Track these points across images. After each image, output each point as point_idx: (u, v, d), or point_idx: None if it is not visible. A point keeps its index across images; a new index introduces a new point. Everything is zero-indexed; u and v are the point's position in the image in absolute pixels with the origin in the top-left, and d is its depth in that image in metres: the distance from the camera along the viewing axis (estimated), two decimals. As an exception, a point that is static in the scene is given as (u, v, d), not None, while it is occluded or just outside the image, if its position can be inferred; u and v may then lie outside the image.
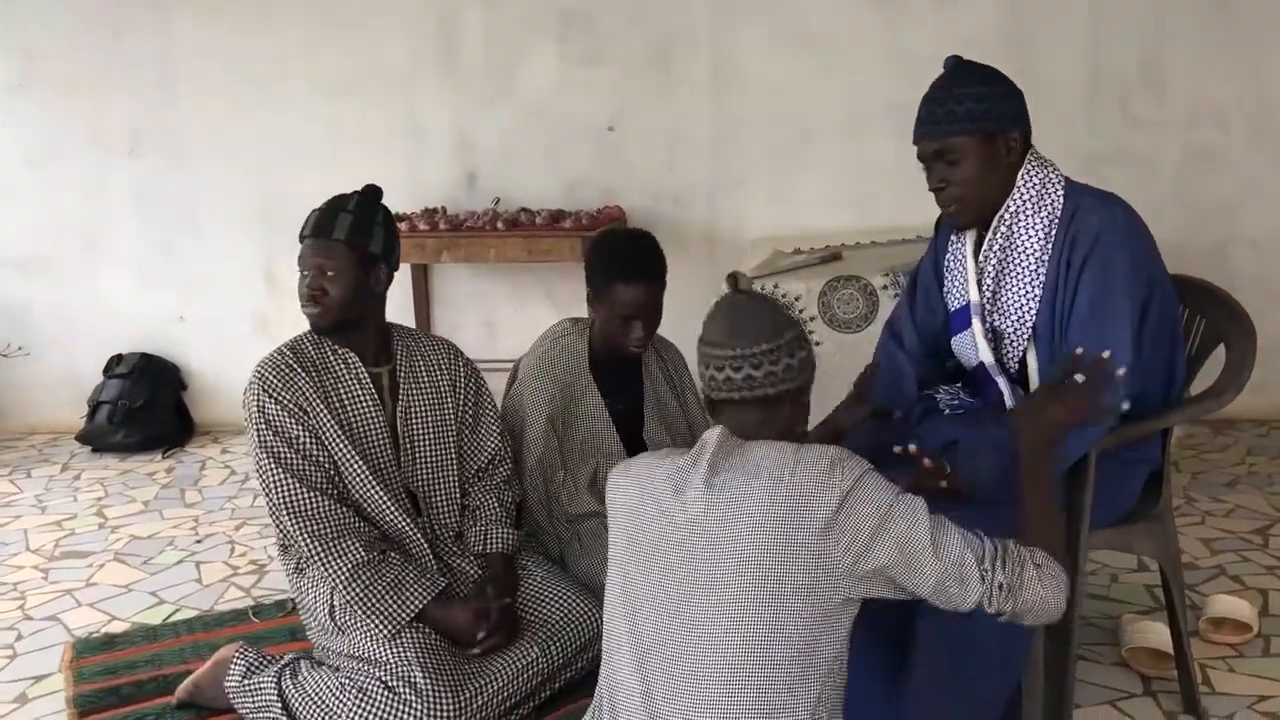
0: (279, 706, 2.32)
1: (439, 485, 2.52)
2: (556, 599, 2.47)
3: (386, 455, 2.44)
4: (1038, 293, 2.13)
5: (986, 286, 2.20)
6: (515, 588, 2.47)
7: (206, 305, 4.74)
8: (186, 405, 4.75)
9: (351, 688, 2.25)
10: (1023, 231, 2.14)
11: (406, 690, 2.20)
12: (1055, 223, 2.11)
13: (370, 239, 2.38)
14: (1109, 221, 2.07)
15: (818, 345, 3.31)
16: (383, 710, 2.19)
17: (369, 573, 2.30)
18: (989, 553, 1.59)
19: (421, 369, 2.53)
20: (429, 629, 2.31)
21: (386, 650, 2.25)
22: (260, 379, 2.37)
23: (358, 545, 2.31)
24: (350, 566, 2.29)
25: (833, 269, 3.60)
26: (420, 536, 2.43)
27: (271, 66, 4.54)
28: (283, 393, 2.35)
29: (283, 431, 2.34)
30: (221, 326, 4.73)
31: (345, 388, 2.42)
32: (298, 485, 2.32)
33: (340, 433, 2.37)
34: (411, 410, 2.49)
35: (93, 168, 4.65)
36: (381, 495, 2.39)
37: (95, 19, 4.54)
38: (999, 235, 2.15)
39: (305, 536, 2.31)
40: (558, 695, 2.43)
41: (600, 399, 2.76)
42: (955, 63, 2.17)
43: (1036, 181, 2.13)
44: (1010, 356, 2.21)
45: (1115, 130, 4.29)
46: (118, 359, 4.67)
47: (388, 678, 2.23)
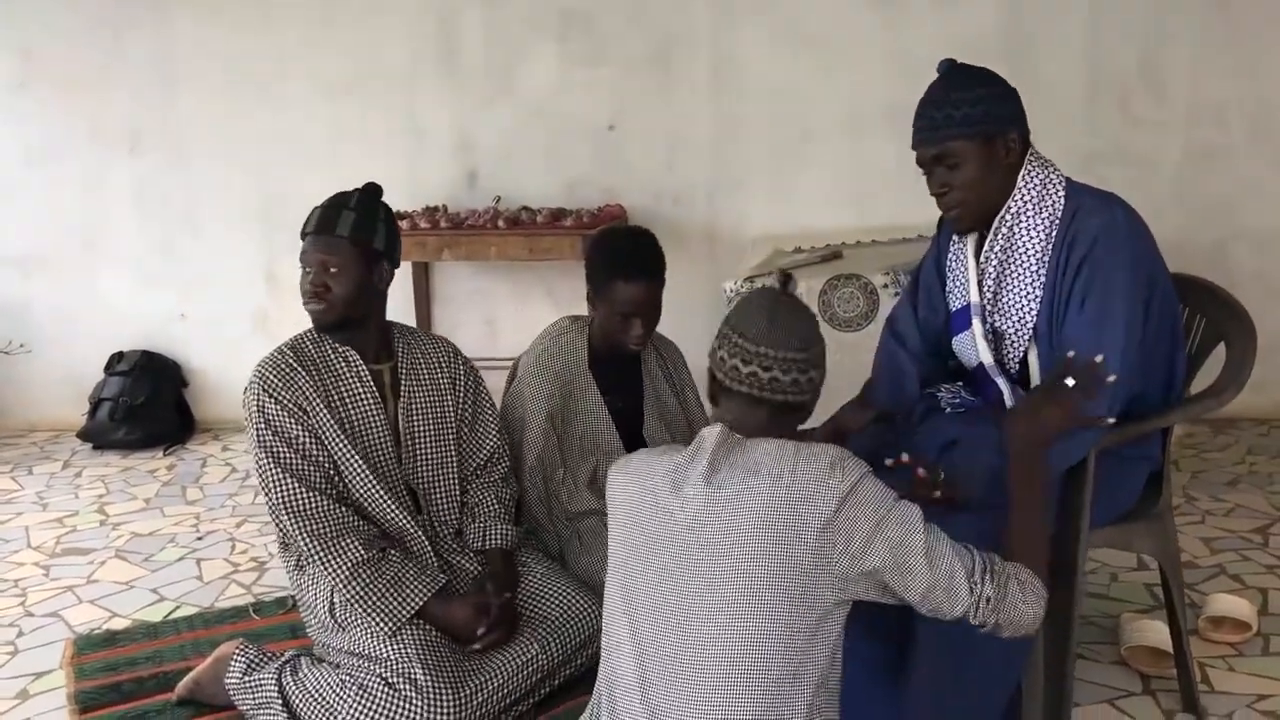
0: (279, 703, 2.32)
1: (440, 482, 2.52)
2: (556, 596, 2.47)
3: (387, 452, 2.45)
4: (1038, 293, 2.12)
5: (987, 287, 2.19)
6: (515, 584, 2.48)
7: (207, 305, 4.74)
8: (188, 402, 4.76)
9: (352, 684, 2.25)
10: (1024, 232, 2.12)
11: (407, 687, 2.20)
12: (1056, 223, 2.10)
13: (373, 235, 2.39)
14: (1109, 223, 2.05)
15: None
16: (383, 707, 2.19)
17: (368, 571, 2.30)
18: (978, 566, 1.61)
19: (422, 366, 2.53)
20: (429, 626, 2.32)
21: (387, 647, 2.26)
22: (260, 378, 2.37)
23: (357, 544, 2.31)
24: (350, 565, 2.29)
25: (833, 267, 3.60)
26: (420, 534, 2.43)
27: (272, 66, 4.54)
28: (283, 392, 2.35)
29: (282, 431, 2.34)
30: (222, 325, 4.73)
31: (346, 386, 2.42)
32: (297, 485, 2.32)
33: (340, 432, 2.38)
34: (413, 407, 2.49)
35: (93, 166, 4.65)
36: (381, 493, 2.39)
37: (96, 18, 4.55)
38: (1000, 236, 2.14)
39: (304, 536, 2.31)
40: (557, 692, 2.44)
41: (600, 396, 2.76)
42: (950, 66, 2.15)
43: (1037, 182, 2.12)
44: (1011, 357, 2.21)
45: (1115, 130, 4.30)
46: (119, 356, 4.67)
47: (388, 674, 2.23)
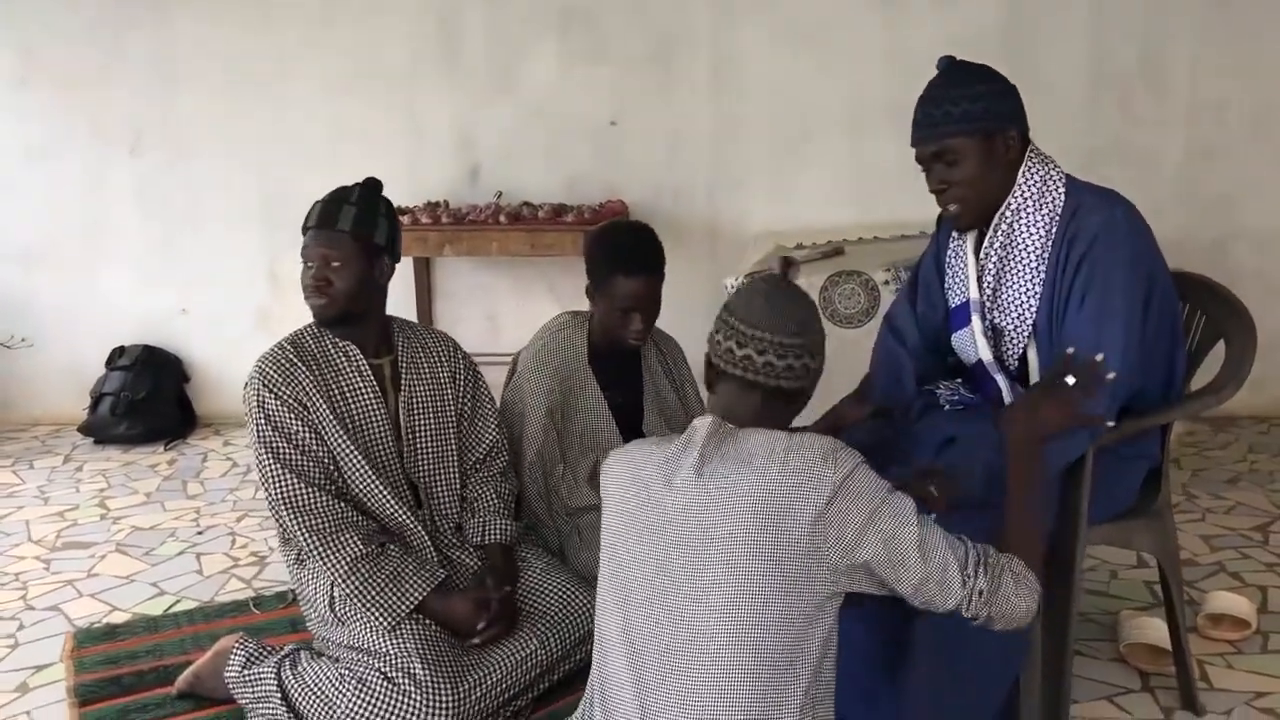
0: (278, 697, 2.32)
1: (440, 476, 2.52)
2: (556, 591, 2.47)
3: (388, 447, 2.45)
4: (1038, 290, 2.12)
5: (987, 284, 2.19)
6: (515, 578, 2.48)
7: (209, 302, 4.75)
8: (189, 397, 4.76)
9: (351, 678, 2.25)
10: (1023, 229, 2.12)
11: (406, 681, 2.20)
12: (1056, 220, 2.10)
13: (375, 230, 2.39)
14: (1109, 220, 2.05)
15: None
16: (382, 701, 2.20)
17: (368, 566, 2.30)
18: (971, 558, 1.59)
19: (422, 360, 2.53)
20: (428, 621, 2.32)
21: (386, 642, 2.26)
22: (260, 374, 2.37)
23: (356, 539, 2.31)
24: (349, 560, 2.30)
25: (834, 264, 3.60)
26: (420, 528, 2.44)
27: (272, 65, 4.54)
28: (283, 388, 2.35)
29: (282, 427, 2.34)
30: (223, 321, 4.73)
31: (346, 380, 2.43)
32: (296, 480, 2.32)
33: (340, 427, 2.38)
34: (414, 401, 2.49)
35: (94, 164, 4.66)
36: (381, 488, 2.39)
37: (96, 16, 4.55)
38: (1000, 233, 2.14)
39: (304, 531, 2.31)
40: (556, 687, 2.44)
41: (600, 392, 2.76)
42: (949, 63, 2.14)
43: (1037, 179, 2.12)
44: (1010, 354, 2.21)
45: (1116, 127, 4.30)
46: (120, 351, 4.68)
47: (387, 669, 2.23)
